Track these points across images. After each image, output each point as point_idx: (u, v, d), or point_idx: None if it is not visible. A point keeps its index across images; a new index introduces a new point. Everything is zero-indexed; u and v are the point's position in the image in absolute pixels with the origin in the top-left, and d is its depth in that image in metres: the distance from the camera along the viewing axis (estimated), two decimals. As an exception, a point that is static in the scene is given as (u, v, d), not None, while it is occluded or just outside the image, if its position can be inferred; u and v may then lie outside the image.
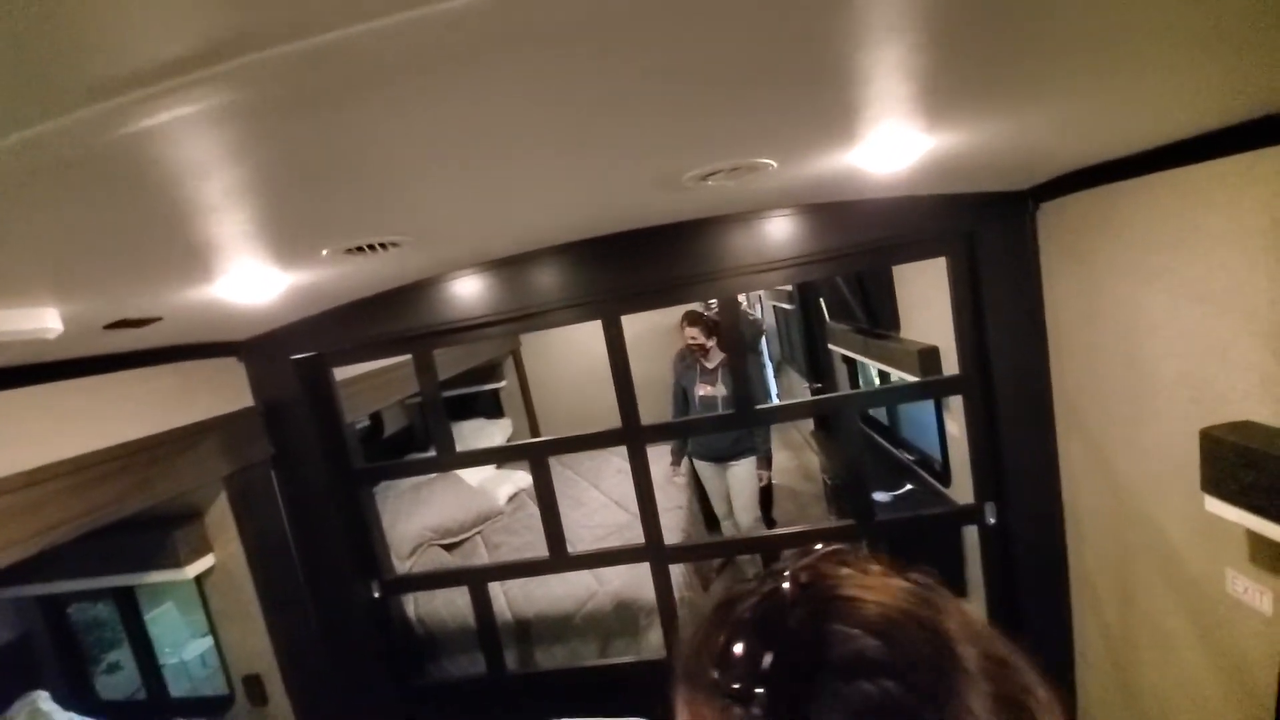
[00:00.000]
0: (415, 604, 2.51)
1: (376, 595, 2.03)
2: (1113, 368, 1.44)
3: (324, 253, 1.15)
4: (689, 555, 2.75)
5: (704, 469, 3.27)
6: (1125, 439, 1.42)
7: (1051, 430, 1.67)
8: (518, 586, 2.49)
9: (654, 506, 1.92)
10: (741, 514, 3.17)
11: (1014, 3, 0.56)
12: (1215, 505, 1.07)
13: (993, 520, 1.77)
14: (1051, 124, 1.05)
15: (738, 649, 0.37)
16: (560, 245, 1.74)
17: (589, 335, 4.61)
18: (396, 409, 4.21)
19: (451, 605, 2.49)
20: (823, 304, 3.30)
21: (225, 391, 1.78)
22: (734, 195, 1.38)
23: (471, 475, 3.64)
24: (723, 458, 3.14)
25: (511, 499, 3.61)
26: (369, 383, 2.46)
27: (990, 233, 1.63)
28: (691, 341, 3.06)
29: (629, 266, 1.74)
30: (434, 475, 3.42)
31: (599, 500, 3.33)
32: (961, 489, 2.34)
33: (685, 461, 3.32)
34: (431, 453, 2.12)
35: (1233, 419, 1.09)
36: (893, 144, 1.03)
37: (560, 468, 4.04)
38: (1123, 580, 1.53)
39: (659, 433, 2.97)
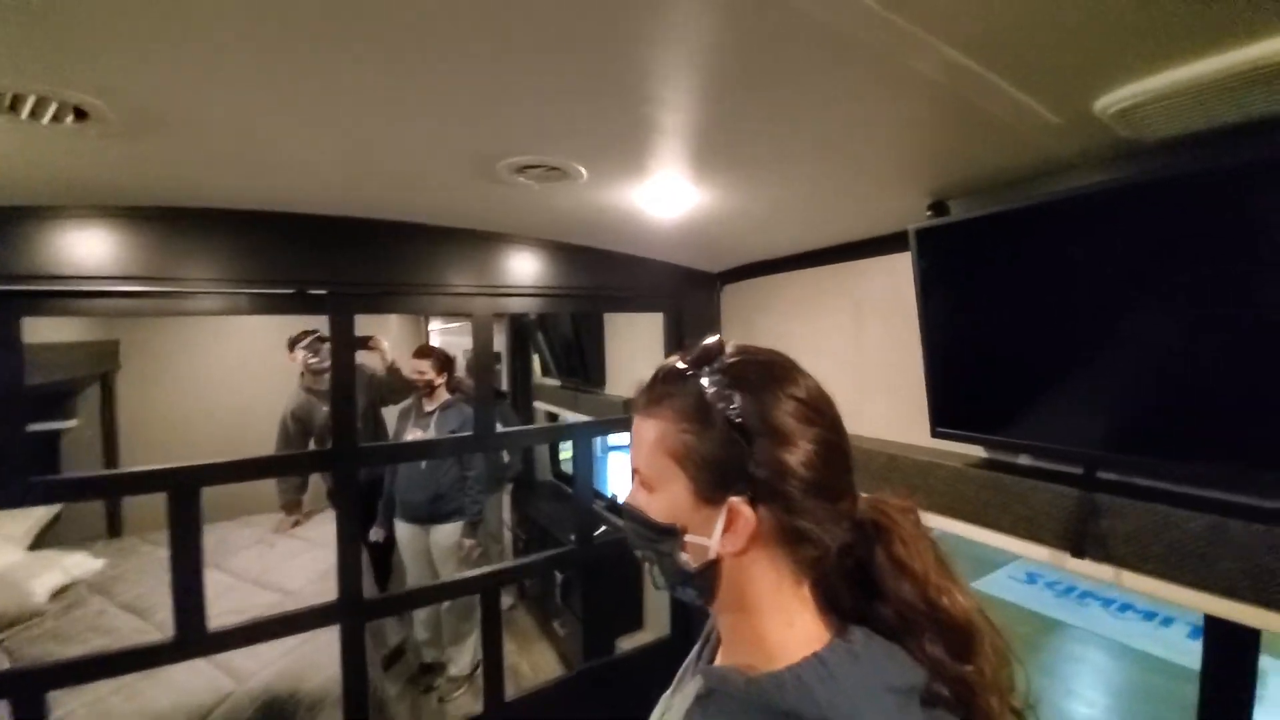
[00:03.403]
0: None
1: None
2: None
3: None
4: (395, 607, 2.31)
5: (403, 532, 2.78)
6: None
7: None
8: (86, 706, 1.62)
9: (357, 552, 1.58)
10: None
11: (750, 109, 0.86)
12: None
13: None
14: (753, 216, 1.49)
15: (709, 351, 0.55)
16: (271, 213, 1.42)
17: (225, 357, 3.68)
18: None
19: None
20: (536, 359, 3.48)
21: None
22: (517, 208, 1.45)
23: (-19, 560, 2.29)
24: (422, 518, 2.73)
25: (59, 594, 2.39)
26: None
27: (692, 299, 2.09)
28: (419, 376, 2.69)
29: (366, 259, 1.55)
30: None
31: (225, 582, 2.50)
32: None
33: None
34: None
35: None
36: (670, 186, 1.28)
37: (151, 549, 2.91)
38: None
39: (378, 455, 2.49)
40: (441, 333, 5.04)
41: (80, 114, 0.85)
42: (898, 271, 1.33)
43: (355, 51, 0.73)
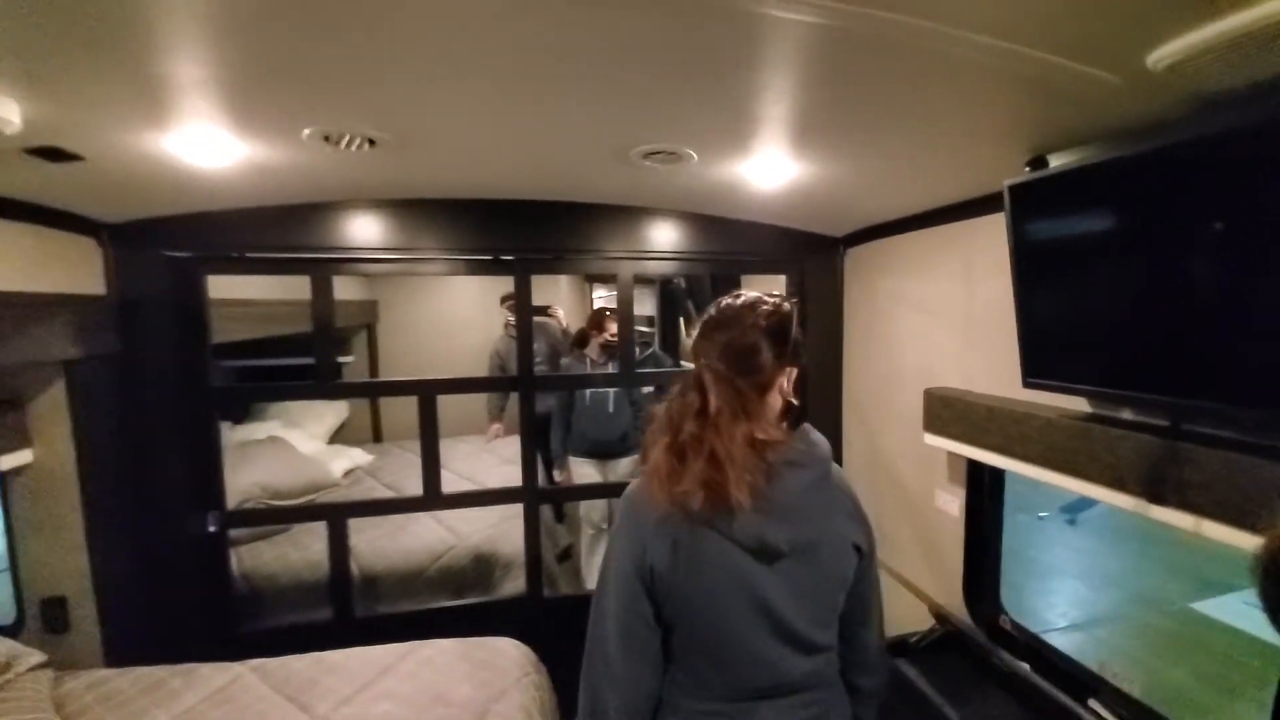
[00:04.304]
0: (239, 559, 2.29)
1: (213, 529, 1.88)
2: (877, 359, 2.07)
3: (305, 133, 1.23)
4: (560, 496, 3.07)
5: (581, 467, 3.14)
6: (881, 403, 2.04)
7: (839, 404, 2.28)
8: (366, 542, 2.43)
9: (534, 451, 2.11)
10: None
11: (861, 87, 1.01)
12: (930, 438, 1.66)
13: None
14: (862, 183, 1.60)
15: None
16: (476, 200, 1.92)
17: (447, 313, 4.72)
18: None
19: (284, 560, 2.33)
20: (681, 321, 3.86)
21: (77, 273, 1.59)
22: (651, 185, 1.75)
23: (303, 445, 3.38)
24: (608, 454, 3.11)
25: (348, 474, 3.42)
26: (226, 310, 2.29)
27: (816, 262, 2.22)
28: (616, 338, 3.06)
29: (539, 233, 2.00)
30: (265, 437, 3.13)
31: (449, 479, 3.30)
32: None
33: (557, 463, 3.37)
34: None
35: (940, 385, 1.70)
36: (771, 162, 1.47)
37: (400, 451, 3.93)
38: (872, 510, 2.13)
39: (547, 382, 3.18)
40: (602, 300, 5.66)
41: (371, 142, 1.34)
42: (1004, 229, 1.37)
43: (538, 87, 1.05)
